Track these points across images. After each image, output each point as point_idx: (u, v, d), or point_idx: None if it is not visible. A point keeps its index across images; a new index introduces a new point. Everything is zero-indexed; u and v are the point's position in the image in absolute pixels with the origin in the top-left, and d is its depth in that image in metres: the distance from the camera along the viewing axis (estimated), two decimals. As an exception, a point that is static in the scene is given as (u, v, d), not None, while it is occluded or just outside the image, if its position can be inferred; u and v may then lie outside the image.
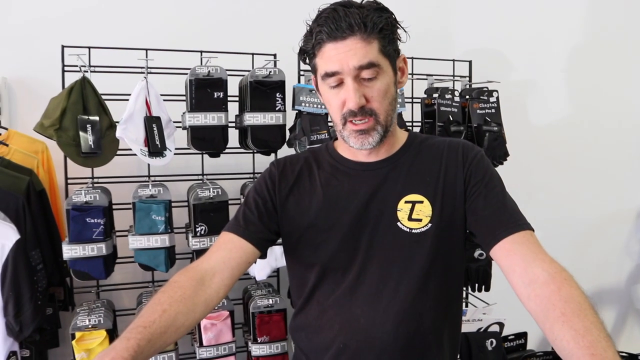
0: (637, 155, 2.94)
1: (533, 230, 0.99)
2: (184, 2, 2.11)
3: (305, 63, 1.07)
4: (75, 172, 1.72)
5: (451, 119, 1.97)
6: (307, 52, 1.03)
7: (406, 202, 1.05)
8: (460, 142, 1.11)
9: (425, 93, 2.08)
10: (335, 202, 1.08)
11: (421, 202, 1.05)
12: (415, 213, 1.04)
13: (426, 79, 2.11)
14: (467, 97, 2.05)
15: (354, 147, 1.04)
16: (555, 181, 2.70)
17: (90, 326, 1.54)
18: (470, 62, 2.18)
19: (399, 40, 1.03)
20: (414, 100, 2.10)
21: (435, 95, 1.99)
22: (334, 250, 1.07)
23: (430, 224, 1.04)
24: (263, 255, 1.12)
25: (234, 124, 1.82)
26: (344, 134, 1.04)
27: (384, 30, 0.97)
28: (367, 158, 1.10)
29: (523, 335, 2.26)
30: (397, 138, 1.11)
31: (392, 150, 1.10)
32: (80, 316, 1.58)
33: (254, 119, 1.67)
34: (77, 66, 1.62)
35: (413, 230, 1.04)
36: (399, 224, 1.05)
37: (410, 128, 2.11)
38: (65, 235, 1.62)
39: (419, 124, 2.08)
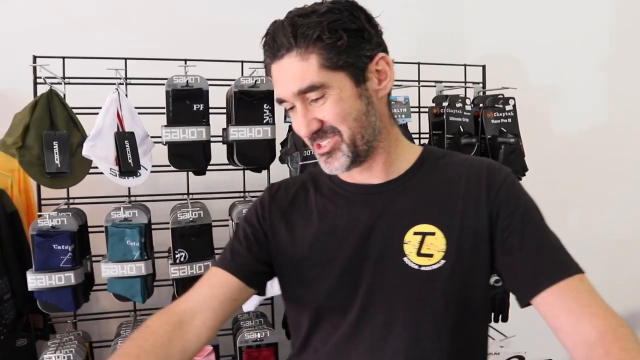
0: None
1: (583, 273, 0.81)
2: (170, 11, 1.99)
3: None
4: (51, 192, 1.59)
5: (462, 130, 1.78)
6: (267, 73, 0.90)
7: (415, 233, 0.87)
8: (485, 162, 0.92)
9: (433, 101, 1.90)
10: (332, 232, 0.91)
11: (432, 233, 0.86)
12: (425, 247, 0.86)
13: (434, 86, 1.92)
14: (480, 105, 1.85)
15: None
16: (581, 195, 2.48)
17: (56, 364, 1.39)
18: (483, 66, 1.99)
19: (370, 41, 0.84)
20: (422, 109, 1.92)
21: (445, 104, 1.81)
22: (330, 289, 0.90)
23: (443, 261, 0.85)
24: (260, 292, 0.97)
25: (221, 139, 1.67)
26: (316, 157, 0.90)
27: (321, 39, 0.80)
28: (370, 179, 0.92)
29: (547, 363, 2.05)
30: (403, 155, 0.93)
31: (401, 169, 0.92)
32: (48, 351, 1.43)
33: (239, 133, 1.51)
34: (48, 78, 1.49)
35: (422, 268, 0.86)
36: (405, 259, 0.87)
37: (418, 140, 1.93)
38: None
39: (427, 136, 1.89)
